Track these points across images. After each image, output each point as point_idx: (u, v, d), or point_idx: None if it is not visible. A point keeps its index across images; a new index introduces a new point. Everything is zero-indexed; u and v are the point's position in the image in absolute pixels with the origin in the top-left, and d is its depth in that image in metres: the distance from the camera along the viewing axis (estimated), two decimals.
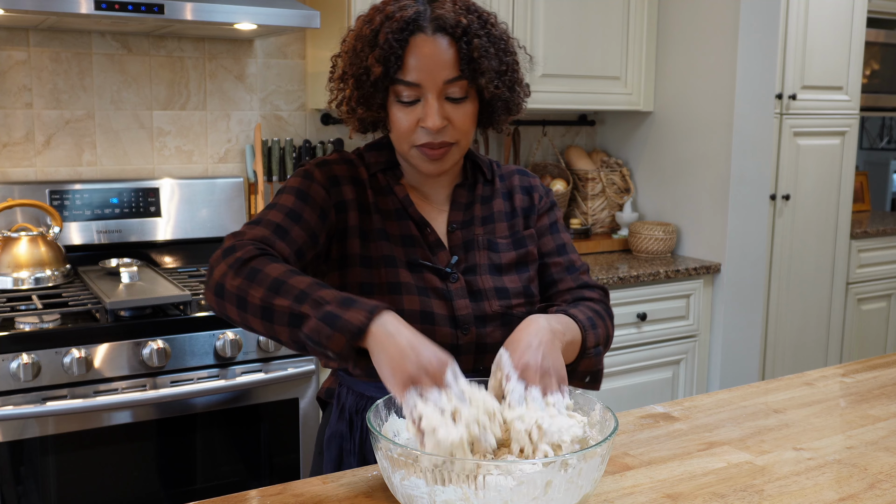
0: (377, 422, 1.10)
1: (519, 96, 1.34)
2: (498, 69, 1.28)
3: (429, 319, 1.29)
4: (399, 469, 1.01)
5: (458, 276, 1.33)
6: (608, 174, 3.31)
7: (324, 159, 1.35)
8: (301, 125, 2.91)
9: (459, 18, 1.24)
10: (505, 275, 1.36)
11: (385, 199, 1.35)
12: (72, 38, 2.55)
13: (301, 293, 1.11)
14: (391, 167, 1.38)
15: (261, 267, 1.15)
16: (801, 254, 3.67)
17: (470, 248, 1.36)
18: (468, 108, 1.28)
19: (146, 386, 2.06)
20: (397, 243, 1.33)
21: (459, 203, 1.39)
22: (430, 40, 1.23)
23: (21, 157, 2.53)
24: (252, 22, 2.29)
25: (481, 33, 1.26)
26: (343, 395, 1.40)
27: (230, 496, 1.13)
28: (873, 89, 4.10)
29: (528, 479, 0.97)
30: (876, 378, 1.69)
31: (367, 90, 1.26)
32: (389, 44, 1.22)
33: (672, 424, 1.42)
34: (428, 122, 1.24)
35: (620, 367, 2.87)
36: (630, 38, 3.10)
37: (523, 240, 1.40)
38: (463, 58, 1.24)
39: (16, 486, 1.97)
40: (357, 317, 1.07)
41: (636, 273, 2.82)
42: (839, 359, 3.90)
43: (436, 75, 1.23)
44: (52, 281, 2.32)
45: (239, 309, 1.15)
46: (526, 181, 1.46)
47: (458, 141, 1.29)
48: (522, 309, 1.35)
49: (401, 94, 1.25)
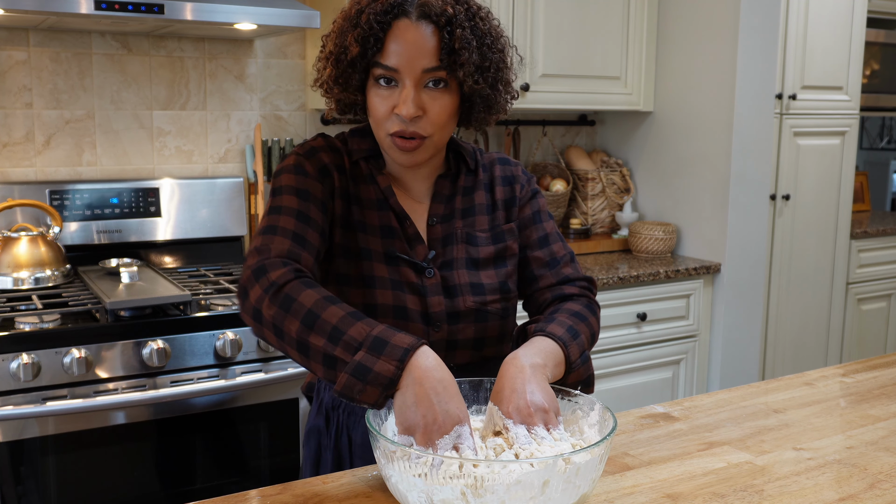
0: (377, 421, 1.10)
1: (501, 95, 1.31)
2: (480, 64, 1.24)
3: (402, 315, 1.28)
4: (397, 468, 1.01)
5: (434, 272, 1.32)
6: (608, 174, 3.31)
7: (310, 147, 1.33)
8: (301, 125, 2.91)
9: (446, 7, 1.22)
10: (482, 269, 1.35)
11: (366, 188, 1.33)
12: (72, 38, 2.55)
13: (334, 331, 1.09)
14: (374, 156, 1.35)
15: (295, 296, 1.13)
16: (800, 254, 3.67)
17: (449, 242, 1.35)
18: (446, 101, 1.25)
19: (146, 386, 2.06)
20: (375, 234, 1.31)
21: (441, 195, 1.37)
22: (412, 26, 1.21)
23: (21, 157, 2.53)
24: (252, 22, 2.29)
25: (466, 25, 1.23)
26: (321, 389, 1.39)
27: (230, 496, 1.13)
28: (873, 89, 4.10)
29: (526, 478, 0.97)
30: (876, 378, 1.69)
31: (343, 69, 1.24)
32: (370, 24, 1.20)
33: (672, 424, 1.42)
34: (402, 109, 1.22)
35: (620, 367, 2.87)
36: (630, 38, 3.10)
37: (502, 234, 1.38)
38: (444, 47, 1.21)
39: (16, 486, 1.97)
40: (388, 368, 1.06)
41: (636, 273, 2.82)
42: (839, 359, 3.90)
43: (415, 62, 1.21)
44: (52, 281, 2.32)
45: (277, 338, 1.14)
46: (508, 170, 1.43)
47: (432, 135, 1.26)
48: (497, 305, 1.34)
49: (378, 78, 1.24)
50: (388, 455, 1.02)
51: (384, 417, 1.14)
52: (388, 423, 1.14)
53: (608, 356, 2.83)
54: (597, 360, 2.80)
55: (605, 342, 2.79)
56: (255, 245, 1.22)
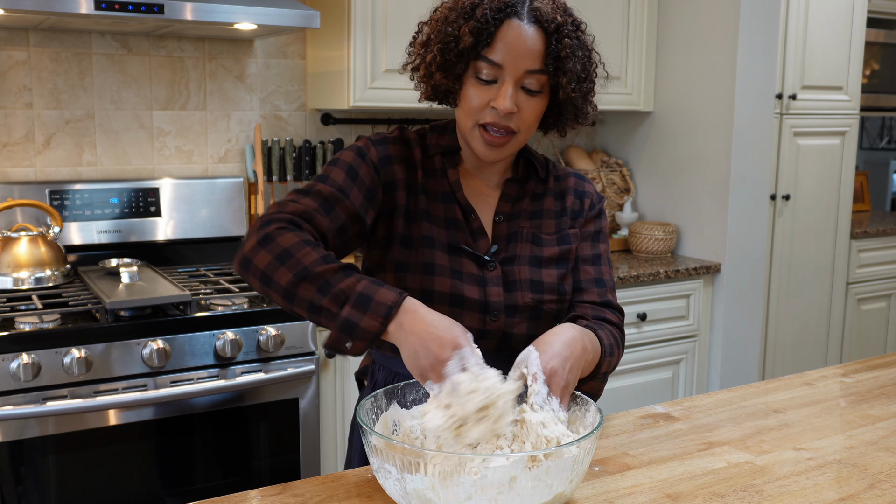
0: (369, 417, 1.13)
1: (588, 107, 1.36)
2: (579, 74, 1.29)
3: (458, 303, 1.30)
4: (376, 457, 1.05)
5: (496, 265, 1.34)
6: (608, 174, 3.31)
7: (382, 136, 1.37)
8: (301, 125, 2.91)
9: (556, 16, 1.26)
10: (544, 268, 1.37)
11: (435, 182, 1.37)
12: (72, 38, 2.55)
13: (325, 283, 1.14)
14: (451, 152, 1.39)
15: (285, 244, 1.17)
16: (801, 254, 3.67)
17: (513, 239, 1.37)
18: (539, 103, 1.30)
19: (146, 386, 2.06)
20: (440, 225, 1.34)
21: (509, 195, 1.40)
22: (523, 27, 1.25)
23: (21, 157, 2.53)
24: (252, 22, 2.29)
25: (573, 35, 1.28)
26: (376, 372, 1.42)
27: (230, 496, 1.13)
28: (873, 89, 4.10)
29: (492, 473, 0.97)
30: (876, 378, 1.69)
31: (450, 57, 1.27)
32: (487, 18, 1.24)
33: (672, 424, 1.42)
34: (499, 104, 1.26)
35: (620, 367, 2.87)
36: (630, 38, 3.10)
37: (567, 237, 1.41)
38: (550, 53, 1.26)
39: (16, 486, 1.97)
40: (373, 324, 1.13)
41: (636, 273, 2.82)
42: (839, 359, 3.90)
43: (520, 62, 1.25)
44: (52, 281, 2.32)
45: (263, 284, 1.19)
46: (581, 185, 1.47)
47: (521, 131, 1.30)
48: (553, 305, 1.36)
49: (480, 71, 1.27)
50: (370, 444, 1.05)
51: (384, 407, 1.18)
52: (390, 412, 1.18)
53: None
54: None
55: None
56: (283, 198, 1.28)
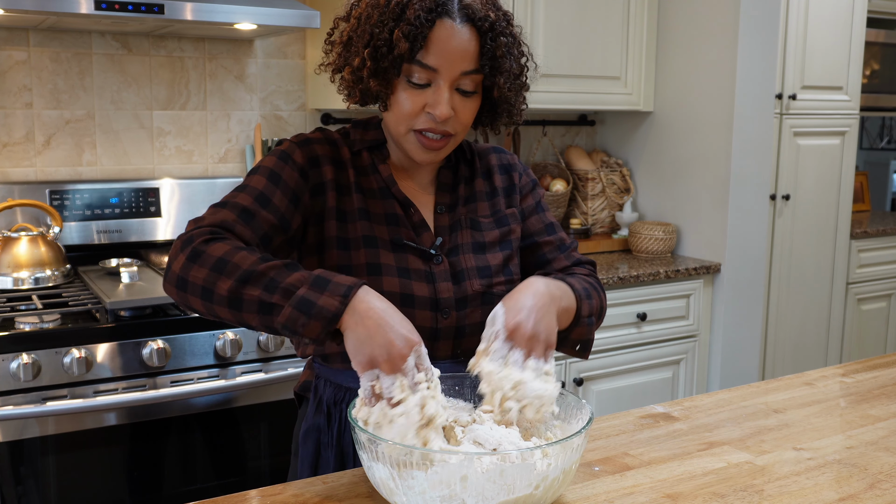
0: None
1: (521, 102, 1.34)
2: (514, 71, 1.27)
3: (409, 302, 1.27)
4: (362, 451, 1.06)
5: (442, 258, 1.32)
6: (608, 174, 3.31)
7: (305, 137, 1.32)
8: (301, 125, 2.91)
9: (488, 13, 1.22)
10: (488, 252, 1.36)
11: (368, 179, 1.33)
12: (72, 38, 2.55)
13: (271, 281, 1.10)
14: (377, 146, 1.35)
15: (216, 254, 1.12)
16: (801, 254, 3.67)
17: (455, 229, 1.35)
18: (474, 104, 1.27)
19: (146, 386, 2.06)
20: (380, 223, 1.31)
21: (445, 185, 1.38)
22: (456, 28, 1.21)
23: (21, 157, 2.54)
24: (252, 22, 2.29)
25: (507, 32, 1.25)
26: (321, 387, 1.37)
27: (230, 496, 1.13)
28: (873, 89, 4.10)
29: (443, 469, 0.97)
30: (876, 378, 1.69)
31: (384, 63, 1.21)
32: (420, 21, 1.18)
33: (672, 424, 1.42)
34: (436, 110, 1.22)
35: (620, 367, 2.87)
36: (630, 38, 3.10)
37: (505, 218, 1.40)
38: (485, 53, 1.22)
39: (16, 486, 1.97)
40: (331, 303, 1.08)
41: (636, 273, 2.82)
42: (839, 359, 3.90)
43: (455, 64, 1.21)
44: (52, 281, 2.32)
45: (204, 300, 1.13)
46: (504, 159, 1.45)
47: (457, 133, 1.28)
48: (502, 287, 1.34)
49: (412, 75, 1.22)
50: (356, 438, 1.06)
51: None
52: None
53: (608, 356, 2.83)
54: (597, 360, 2.80)
55: (605, 342, 2.80)
56: (195, 217, 1.23)
